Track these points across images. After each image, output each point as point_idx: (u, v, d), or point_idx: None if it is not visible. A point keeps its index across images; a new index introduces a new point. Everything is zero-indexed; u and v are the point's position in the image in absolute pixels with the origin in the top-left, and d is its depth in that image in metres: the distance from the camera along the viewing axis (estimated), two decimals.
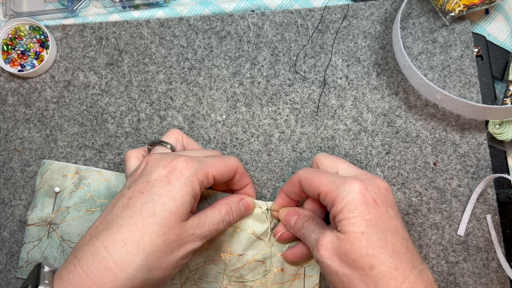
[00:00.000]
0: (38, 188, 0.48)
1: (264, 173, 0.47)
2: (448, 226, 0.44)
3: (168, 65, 0.50)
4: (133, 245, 0.32)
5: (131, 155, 0.40)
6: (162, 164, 0.35)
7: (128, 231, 0.32)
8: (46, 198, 0.47)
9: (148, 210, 0.33)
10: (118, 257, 0.31)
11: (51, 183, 0.48)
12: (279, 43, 0.49)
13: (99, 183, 0.47)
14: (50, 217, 0.47)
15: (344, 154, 0.46)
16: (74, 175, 0.48)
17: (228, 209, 0.39)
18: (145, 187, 0.34)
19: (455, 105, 0.42)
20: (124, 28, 0.51)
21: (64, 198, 0.47)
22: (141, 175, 0.36)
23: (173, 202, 0.33)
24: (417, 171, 0.45)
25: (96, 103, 0.50)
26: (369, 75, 0.47)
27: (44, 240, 0.47)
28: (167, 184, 0.34)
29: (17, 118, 0.52)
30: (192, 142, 0.43)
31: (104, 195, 0.47)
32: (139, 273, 0.32)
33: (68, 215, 0.46)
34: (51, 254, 0.46)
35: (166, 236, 0.33)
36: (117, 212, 0.34)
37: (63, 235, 0.46)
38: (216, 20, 0.50)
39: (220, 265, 0.43)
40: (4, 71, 0.53)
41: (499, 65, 0.46)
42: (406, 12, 0.47)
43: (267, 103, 0.48)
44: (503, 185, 0.44)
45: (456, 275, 0.43)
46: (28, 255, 0.47)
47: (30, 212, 0.47)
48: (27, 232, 0.47)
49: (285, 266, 0.43)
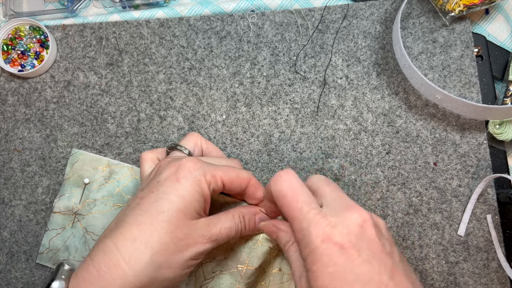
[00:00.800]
0: (67, 177, 0.48)
1: (264, 173, 0.47)
2: (448, 226, 0.44)
3: (168, 65, 0.50)
4: (141, 242, 0.32)
5: (147, 158, 0.41)
6: (171, 164, 0.36)
7: (137, 229, 0.33)
8: (74, 188, 0.48)
9: (156, 208, 0.34)
10: (127, 254, 0.32)
11: (81, 173, 0.48)
12: (279, 43, 0.49)
13: (129, 180, 0.47)
14: (77, 207, 0.47)
15: (344, 154, 0.46)
16: (105, 168, 0.48)
17: (241, 217, 0.38)
18: (155, 187, 0.35)
19: (455, 105, 0.42)
20: (124, 28, 0.51)
21: (93, 190, 0.47)
22: (154, 177, 0.37)
23: (180, 200, 0.34)
24: (417, 171, 0.45)
25: (96, 103, 0.50)
26: (369, 75, 0.47)
27: (67, 229, 0.47)
28: (175, 182, 0.34)
29: (17, 118, 0.52)
30: (211, 146, 0.43)
31: (132, 192, 0.47)
32: (147, 270, 0.32)
33: (94, 207, 0.47)
34: (73, 244, 0.47)
35: (174, 234, 0.33)
36: (129, 211, 0.35)
37: (87, 226, 0.46)
38: (216, 20, 0.50)
39: (235, 276, 0.42)
40: (4, 71, 0.53)
41: (499, 65, 0.46)
42: (406, 12, 0.47)
43: (267, 103, 0.48)
44: (503, 185, 0.44)
45: (456, 275, 0.43)
46: (50, 242, 0.47)
47: (57, 200, 0.47)
48: (52, 219, 0.47)
49: (282, 266, 0.43)
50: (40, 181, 0.50)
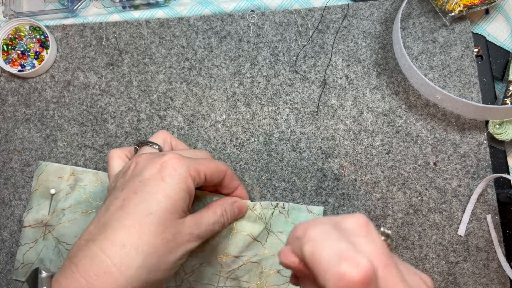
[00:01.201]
0: (34, 190, 0.48)
1: (264, 173, 0.47)
2: (448, 226, 0.44)
3: (168, 65, 0.50)
4: (131, 247, 0.31)
5: (115, 155, 0.39)
6: (153, 162, 0.34)
7: (125, 233, 0.32)
8: (42, 199, 0.47)
9: (143, 210, 0.32)
10: (118, 260, 0.31)
11: (47, 184, 0.48)
12: (279, 43, 0.49)
13: (95, 185, 0.47)
14: (46, 218, 0.47)
15: (344, 154, 0.46)
16: (69, 177, 0.48)
17: (223, 210, 0.39)
18: (139, 187, 0.33)
19: (455, 105, 0.42)
20: (124, 28, 0.51)
21: (60, 199, 0.47)
22: (133, 175, 0.35)
23: (168, 200, 0.33)
24: (417, 171, 0.45)
25: (96, 103, 0.50)
26: (369, 75, 0.47)
27: (40, 242, 0.47)
28: (160, 181, 0.33)
29: (17, 118, 0.52)
30: (180, 144, 0.42)
31: (99, 197, 0.47)
32: (139, 275, 0.31)
33: (64, 217, 0.46)
34: (47, 256, 0.46)
35: (163, 236, 0.32)
36: (112, 215, 0.33)
37: (59, 237, 0.46)
38: (216, 20, 0.50)
39: (216, 267, 0.43)
40: (4, 71, 0.53)
41: (499, 65, 0.46)
42: (406, 12, 0.47)
43: (267, 103, 0.48)
44: (503, 185, 0.44)
45: (456, 275, 0.43)
46: (24, 256, 0.47)
47: (26, 214, 0.47)
48: (23, 233, 0.47)
49: (281, 268, 0.43)
50: None
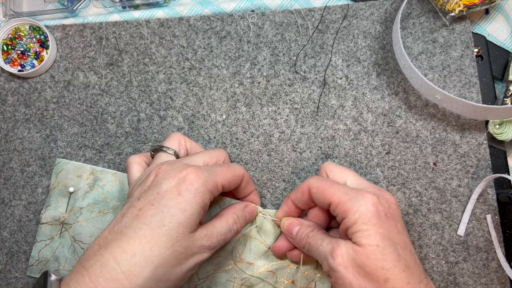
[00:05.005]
0: (53, 187, 0.48)
1: (264, 173, 0.47)
2: (448, 226, 0.44)
3: (168, 65, 0.50)
4: (142, 256, 0.32)
5: (133, 162, 0.40)
6: (172, 175, 0.35)
7: (138, 242, 0.32)
8: (60, 197, 0.47)
9: (157, 222, 0.33)
10: (127, 268, 0.31)
11: (66, 182, 0.48)
12: (279, 43, 0.49)
13: (113, 185, 0.47)
14: (63, 216, 0.47)
15: (344, 154, 0.46)
16: (89, 176, 0.48)
17: (235, 218, 0.39)
18: (155, 199, 0.34)
19: (455, 105, 0.42)
20: (124, 28, 0.51)
21: (78, 198, 0.47)
22: (151, 186, 0.35)
23: (182, 214, 0.33)
24: (417, 171, 0.45)
25: (96, 103, 0.50)
26: (369, 75, 0.47)
27: (56, 240, 0.47)
28: (177, 195, 0.34)
29: (17, 118, 0.52)
30: (194, 145, 0.43)
31: (117, 197, 0.47)
32: (147, 285, 0.32)
33: (80, 216, 0.46)
34: (62, 254, 0.46)
35: (174, 248, 0.33)
36: (127, 223, 0.34)
37: (75, 235, 0.46)
38: (216, 20, 0.50)
39: (230, 273, 0.42)
40: (4, 71, 0.53)
41: (499, 65, 0.46)
42: (406, 12, 0.47)
43: (267, 103, 0.48)
44: (503, 185, 0.44)
45: (456, 275, 0.43)
46: (39, 253, 0.47)
47: (44, 211, 0.47)
48: (39, 230, 0.47)
49: (296, 278, 0.42)
50: (40, 181, 0.50)
